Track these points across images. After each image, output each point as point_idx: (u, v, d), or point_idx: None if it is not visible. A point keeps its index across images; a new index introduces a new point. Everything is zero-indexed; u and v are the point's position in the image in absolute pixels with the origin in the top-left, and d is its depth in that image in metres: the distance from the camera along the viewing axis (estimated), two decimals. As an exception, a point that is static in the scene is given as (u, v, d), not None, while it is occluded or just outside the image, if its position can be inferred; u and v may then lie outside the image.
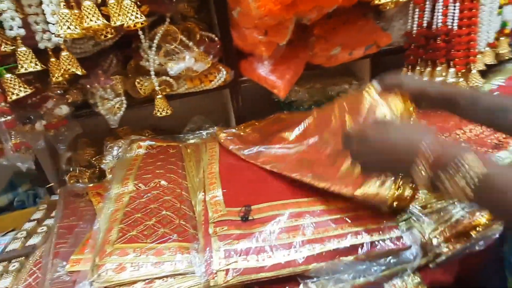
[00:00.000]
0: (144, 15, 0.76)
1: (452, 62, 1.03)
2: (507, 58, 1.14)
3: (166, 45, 0.91)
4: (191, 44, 0.94)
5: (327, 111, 0.84)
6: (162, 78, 0.95)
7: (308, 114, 0.92)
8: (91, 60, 0.93)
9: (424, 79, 0.62)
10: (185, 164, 0.95)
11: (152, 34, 0.92)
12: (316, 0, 0.83)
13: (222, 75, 1.00)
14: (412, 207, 0.73)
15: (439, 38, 1.02)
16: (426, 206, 0.75)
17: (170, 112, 0.97)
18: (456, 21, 0.99)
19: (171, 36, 0.94)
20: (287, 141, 0.91)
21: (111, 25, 0.76)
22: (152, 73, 0.92)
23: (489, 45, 1.09)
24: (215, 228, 0.66)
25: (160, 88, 0.95)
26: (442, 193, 0.43)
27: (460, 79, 1.03)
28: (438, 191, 0.43)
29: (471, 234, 0.72)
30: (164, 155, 0.98)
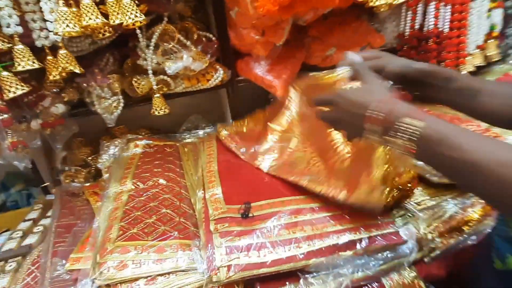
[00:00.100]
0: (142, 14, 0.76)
1: (443, 63, 1.07)
2: (495, 60, 1.18)
3: (164, 44, 0.92)
4: (188, 43, 0.94)
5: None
6: (159, 77, 0.95)
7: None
8: (87, 58, 0.92)
9: (402, 59, 0.63)
10: (183, 163, 0.96)
11: (149, 33, 0.92)
12: (313, 2, 0.84)
13: (219, 75, 1.01)
14: (407, 203, 0.75)
15: (430, 40, 1.05)
16: (420, 202, 0.77)
17: (167, 111, 0.97)
18: (447, 23, 1.02)
19: (169, 36, 0.94)
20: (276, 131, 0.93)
21: (109, 23, 0.76)
22: (149, 72, 0.92)
23: (478, 47, 1.12)
24: (216, 225, 0.67)
25: (158, 87, 0.95)
26: (391, 148, 0.47)
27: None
28: (387, 144, 0.47)
29: (464, 229, 0.75)
30: (162, 154, 0.99)
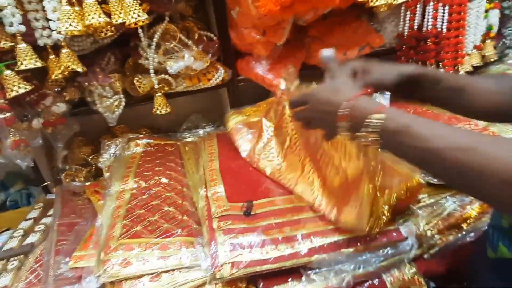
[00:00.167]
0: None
1: (441, 63, 1.08)
2: (492, 60, 1.19)
3: (165, 43, 0.92)
4: (190, 43, 0.95)
5: None
6: (161, 76, 0.96)
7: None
8: (88, 58, 0.93)
9: (390, 66, 0.64)
10: (184, 161, 0.96)
11: (151, 32, 0.92)
12: (314, 1, 0.85)
13: (220, 74, 1.02)
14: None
15: (429, 40, 1.06)
16: (420, 200, 0.78)
17: (169, 110, 0.97)
18: (445, 24, 1.03)
19: (170, 35, 0.95)
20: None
21: (112, 22, 0.77)
22: (151, 71, 0.92)
23: (475, 47, 1.14)
24: (219, 223, 0.67)
25: (159, 86, 0.96)
26: (359, 142, 0.48)
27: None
28: (358, 140, 0.48)
29: (463, 226, 0.76)
30: (162, 153, 0.99)
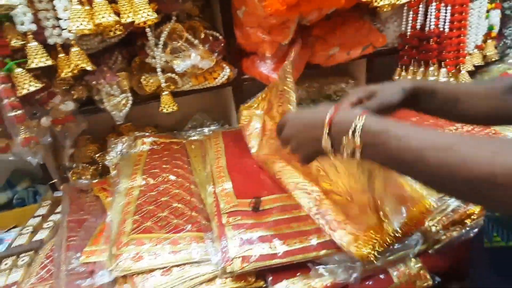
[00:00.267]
0: (152, 13, 0.78)
1: (443, 63, 1.10)
2: (493, 60, 1.21)
3: (172, 42, 0.93)
4: (196, 42, 0.96)
5: None
6: (167, 75, 0.97)
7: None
8: (96, 56, 0.94)
9: (391, 85, 0.65)
10: (190, 159, 0.97)
11: (158, 32, 0.93)
12: (320, 1, 0.86)
13: (226, 73, 1.03)
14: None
15: (431, 40, 1.08)
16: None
17: (176, 109, 0.98)
18: (448, 24, 1.05)
19: (176, 34, 0.96)
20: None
21: (121, 21, 0.78)
22: (158, 70, 0.93)
23: (477, 47, 1.16)
24: (228, 218, 0.69)
25: (166, 85, 0.97)
26: (341, 154, 0.48)
27: (451, 79, 1.10)
28: (340, 153, 0.48)
29: (466, 222, 0.77)
30: (169, 151, 1.00)
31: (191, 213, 0.74)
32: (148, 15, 0.76)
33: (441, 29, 1.06)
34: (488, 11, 1.12)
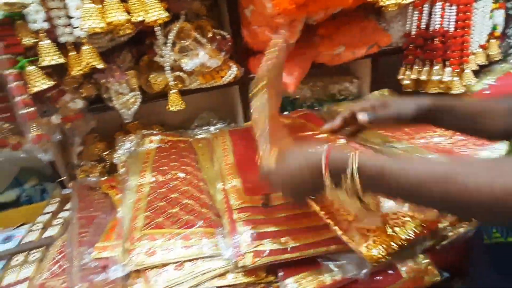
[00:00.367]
0: (162, 12, 0.79)
1: (448, 62, 1.11)
2: (496, 59, 1.22)
3: (181, 41, 0.94)
4: (204, 41, 0.97)
5: None
6: (176, 73, 0.98)
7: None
8: (105, 55, 0.95)
9: (406, 100, 0.67)
10: (198, 157, 0.98)
11: (166, 31, 0.94)
12: (328, 1, 0.87)
13: (233, 72, 1.04)
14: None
15: (436, 39, 1.09)
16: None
17: (183, 107, 0.99)
18: (453, 23, 1.06)
19: (184, 33, 0.97)
20: None
21: (131, 20, 0.79)
22: (167, 68, 0.94)
23: (481, 46, 1.17)
24: (239, 214, 0.69)
25: (174, 83, 0.98)
26: (344, 194, 0.48)
27: (455, 78, 1.11)
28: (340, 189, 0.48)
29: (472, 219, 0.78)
30: (176, 149, 1.01)
31: (201, 209, 0.74)
32: (159, 13, 0.77)
33: (445, 28, 1.07)
34: (492, 11, 1.13)
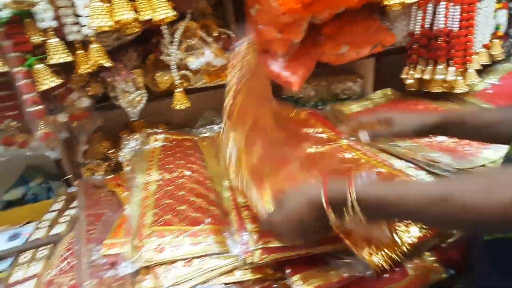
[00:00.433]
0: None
1: (451, 62, 1.11)
2: (499, 59, 1.23)
3: (187, 40, 0.95)
4: (210, 40, 0.97)
5: None
6: (181, 72, 0.98)
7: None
8: (111, 54, 0.95)
9: (411, 115, 0.71)
10: (203, 155, 0.99)
11: (172, 29, 0.95)
12: (333, 0, 0.88)
13: (238, 71, 1.04)
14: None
15: (440, 39, 1.09)
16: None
17: (188, 105, 1.00)
18: (456, 23, 1.06)
19: (190, 32, 0.97)
20: None
21: (138, 19, 0.79)
22: (174, 67, 0.95)
23: (484, 46, 1.17)
24: (246, 212, 0.70)
25: (180, 82, 0.98)
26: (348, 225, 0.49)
27: (459, 77, 1.11)
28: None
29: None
30: (181, 148, 1.01)
31: (208, 206, 0.75)
32: (167, 12, 0.77)
33: (449, 28, 1.07)
34: (495, 11, 1.14)
